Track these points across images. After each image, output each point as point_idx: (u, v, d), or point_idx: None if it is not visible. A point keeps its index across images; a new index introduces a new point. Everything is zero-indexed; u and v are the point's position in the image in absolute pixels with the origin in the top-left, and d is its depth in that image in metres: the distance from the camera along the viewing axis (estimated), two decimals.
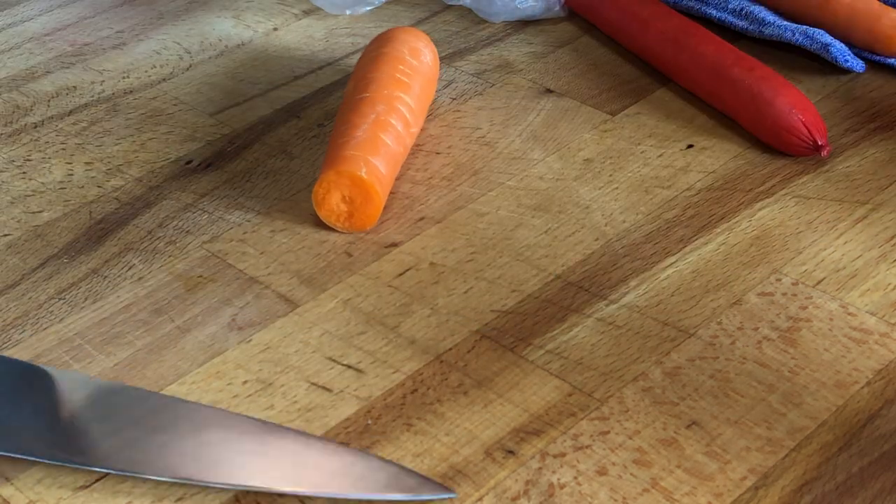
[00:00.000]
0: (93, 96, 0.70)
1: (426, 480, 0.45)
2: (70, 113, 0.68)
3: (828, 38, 0.67)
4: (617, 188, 0.60)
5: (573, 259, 0.55)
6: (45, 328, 0.53)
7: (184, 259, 0.57)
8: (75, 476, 0.46)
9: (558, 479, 0.45)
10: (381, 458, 0.46)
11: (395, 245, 0.57)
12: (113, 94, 0.70)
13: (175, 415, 0.47)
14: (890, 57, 0.67)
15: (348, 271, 0.55)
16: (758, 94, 0.62)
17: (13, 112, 0.69)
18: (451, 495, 0.44)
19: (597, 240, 0.57)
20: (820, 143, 0.60)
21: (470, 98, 0.68)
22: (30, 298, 0.55)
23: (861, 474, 0.44)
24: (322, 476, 0.45)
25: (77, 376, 0.50)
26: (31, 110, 0.69)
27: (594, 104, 0.67)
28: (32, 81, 0.72)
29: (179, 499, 0.45)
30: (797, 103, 0.61)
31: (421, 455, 0.46)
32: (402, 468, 0.45)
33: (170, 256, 0.57)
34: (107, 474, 0.46)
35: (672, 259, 0.55)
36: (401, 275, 0.55)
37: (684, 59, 0.66)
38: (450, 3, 0.77)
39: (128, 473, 0.45)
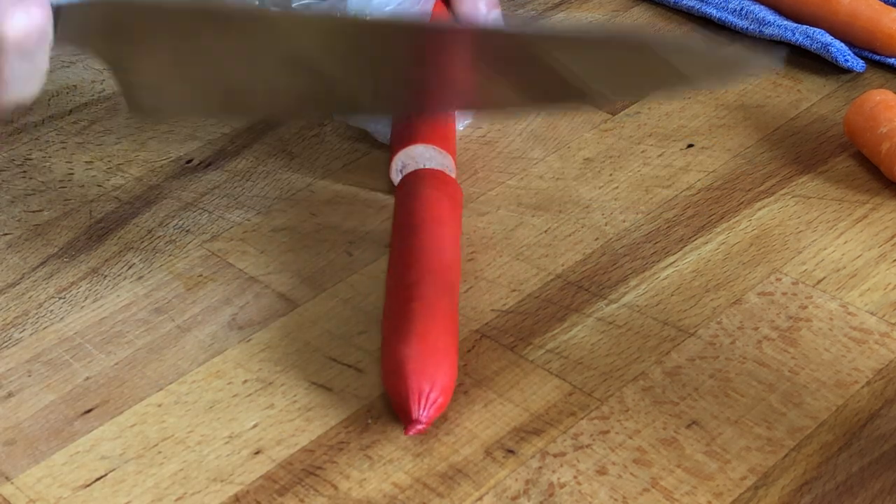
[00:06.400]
0: (93, 95, 0.70)
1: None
2: (70, 112, 0.68)
3: (828, 38, 0.67)
4: (617, 188, 0.60)
5: (573, 258, 0.55)
6: (46, 327, 0.53)
7: (184, 258, 0.57)
8: (75, 475, 0.46)
9: (558, 479, 0.45)
10: None
11: None
12: (113, 93, 0.70)
13: None
14: (890, 57, 0.67)
15: (348, 270, 0.55)
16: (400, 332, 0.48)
17: (13, 111, 0.69)
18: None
19: (597, 239, 0.57)
20: (414, 416, 0.45)
21: None
22: (30, 297, 0.55)
23: (861, 474, 0.44)
24: None
25: None
26: (32, 109, 0.69)
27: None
28: None
29: (179, 498, 0.45)
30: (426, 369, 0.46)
31: (421, 454, 0.46)
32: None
33: (170, 255, 0.57)
34: (105, 474, 0.46)
35: (672, 259, 0.55)
36: None
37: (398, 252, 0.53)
38: None
39: None
